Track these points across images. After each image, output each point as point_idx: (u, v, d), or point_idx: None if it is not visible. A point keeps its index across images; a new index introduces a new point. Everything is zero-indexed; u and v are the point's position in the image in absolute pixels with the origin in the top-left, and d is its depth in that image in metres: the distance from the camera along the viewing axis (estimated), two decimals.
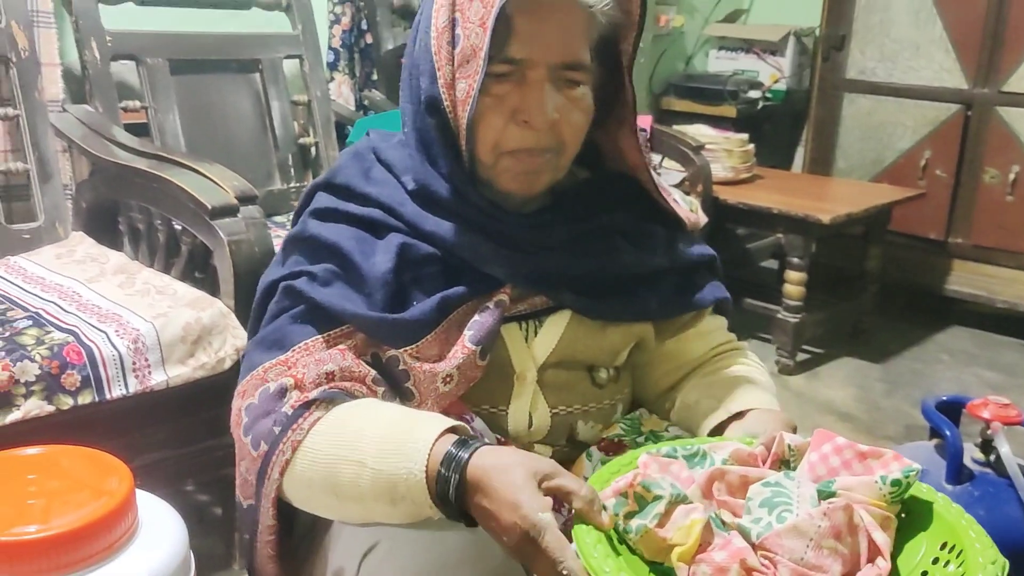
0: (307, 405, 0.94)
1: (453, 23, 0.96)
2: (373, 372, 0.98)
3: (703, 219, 2.52)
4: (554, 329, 1.06)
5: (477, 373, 1.00)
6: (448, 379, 0.99)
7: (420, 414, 0.93)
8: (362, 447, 0.89)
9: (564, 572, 0.77)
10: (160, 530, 0.96)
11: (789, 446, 0.93)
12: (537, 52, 0.96)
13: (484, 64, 0.93)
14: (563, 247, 1.04)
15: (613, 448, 1.08)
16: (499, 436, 1.05)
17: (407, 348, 0.98)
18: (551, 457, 1.06)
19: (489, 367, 1.01)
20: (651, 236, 1.09)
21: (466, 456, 0.84)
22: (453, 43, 0.96)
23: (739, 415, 1.04)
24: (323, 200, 1.05)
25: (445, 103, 0.98)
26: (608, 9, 0.99)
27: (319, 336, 0.98)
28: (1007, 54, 2.96)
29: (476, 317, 1.00)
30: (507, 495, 0.80)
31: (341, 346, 0.98)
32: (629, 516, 0.83)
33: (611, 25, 1.01)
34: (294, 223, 1.08)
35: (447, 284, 1.00)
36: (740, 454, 0.93)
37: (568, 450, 1.09)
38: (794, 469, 0.93)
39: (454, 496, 0.84)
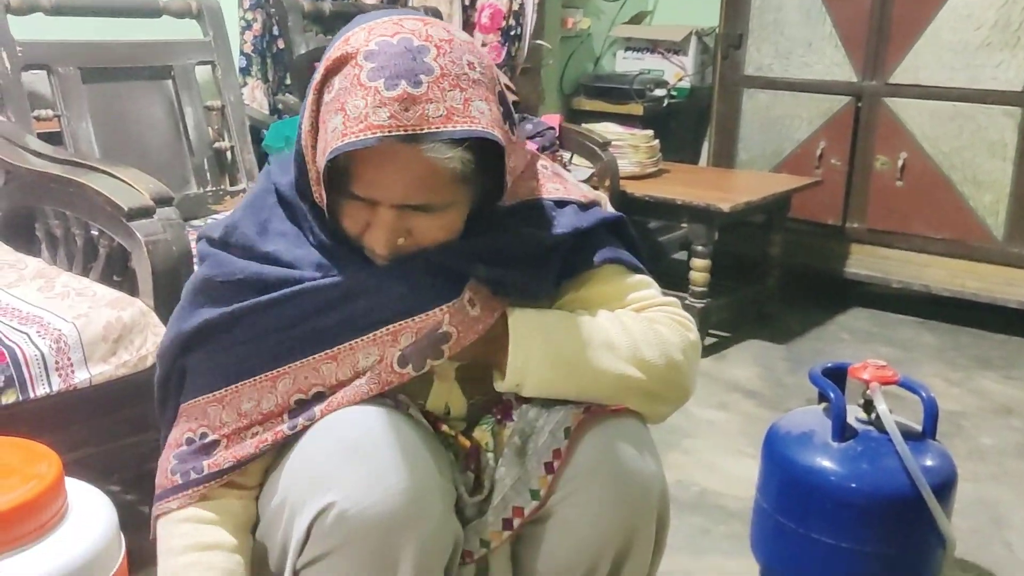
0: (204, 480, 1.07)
1: (315, 129, 1.00)
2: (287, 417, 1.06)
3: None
4: None
5: (394, 379, 1.04)
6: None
7: None
8: None
9: None
10: (90, 513, 1.01)
11: None
12: (378, 195, 0.99)
13: (324, 196, 1.01)
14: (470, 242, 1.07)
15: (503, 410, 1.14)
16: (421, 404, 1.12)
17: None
18: (464, 429, 1.14)
19: None
20: (546, 216, 1.10)
21: None
22: (315, 147, 1.00)
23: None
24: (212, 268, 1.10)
25: (315, 195, 1.03)
26: (457, 156, 0.96)
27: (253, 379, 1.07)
28: (892, 48, 3.13)
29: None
30: None
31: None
32: None
33: (471, 162, 0.99)
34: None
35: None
36: None
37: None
38: None
39: None
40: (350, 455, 0.98)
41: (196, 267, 1.15)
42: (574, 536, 1.06)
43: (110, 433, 1.48)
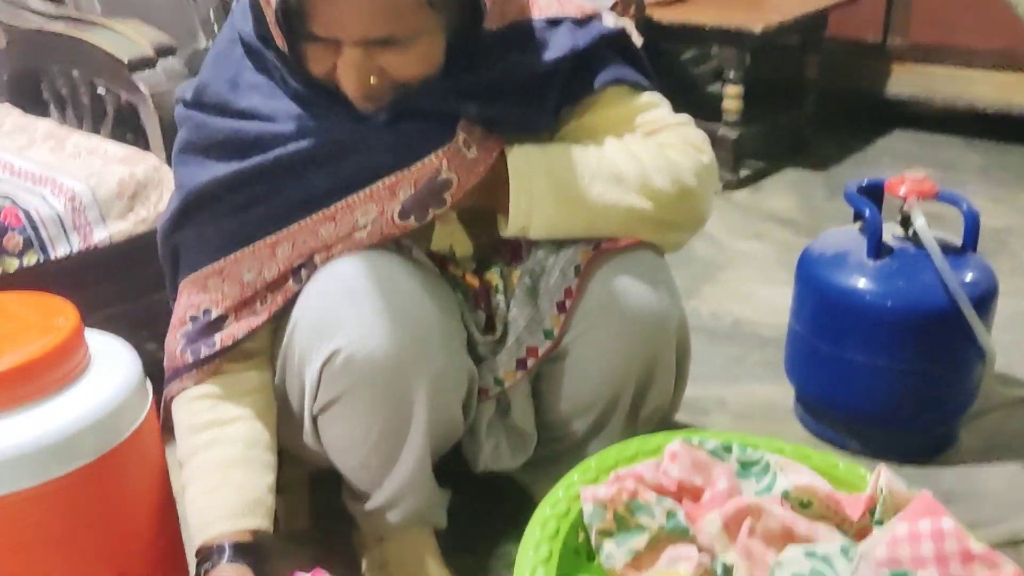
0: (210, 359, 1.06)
1: None
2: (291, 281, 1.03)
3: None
4: None
5: (396, 231, 1.01)
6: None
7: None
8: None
9: None
10: (113, 362, 1.01)
11: (882, 489, 0.71)
12: (338, 33, 0.91)
13: (285, 39, 0.93)
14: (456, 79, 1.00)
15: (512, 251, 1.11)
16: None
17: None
18: (474, 269, 1.12)
19: None
20: (538, 38, 1.03)
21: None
22: None
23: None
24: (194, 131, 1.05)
25: (276, 40, 0.96)
26: None
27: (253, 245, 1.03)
28: None
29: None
30: None
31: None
32: (605, 534, 0.71)
33: None
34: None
35: None
36: (815, 491, 0.71)
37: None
38: (880, 523, 0.70)
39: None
40: (352, 300, 0.97)
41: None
42: (591, 372, 1.05)
43: (136, 289, 1.49)
